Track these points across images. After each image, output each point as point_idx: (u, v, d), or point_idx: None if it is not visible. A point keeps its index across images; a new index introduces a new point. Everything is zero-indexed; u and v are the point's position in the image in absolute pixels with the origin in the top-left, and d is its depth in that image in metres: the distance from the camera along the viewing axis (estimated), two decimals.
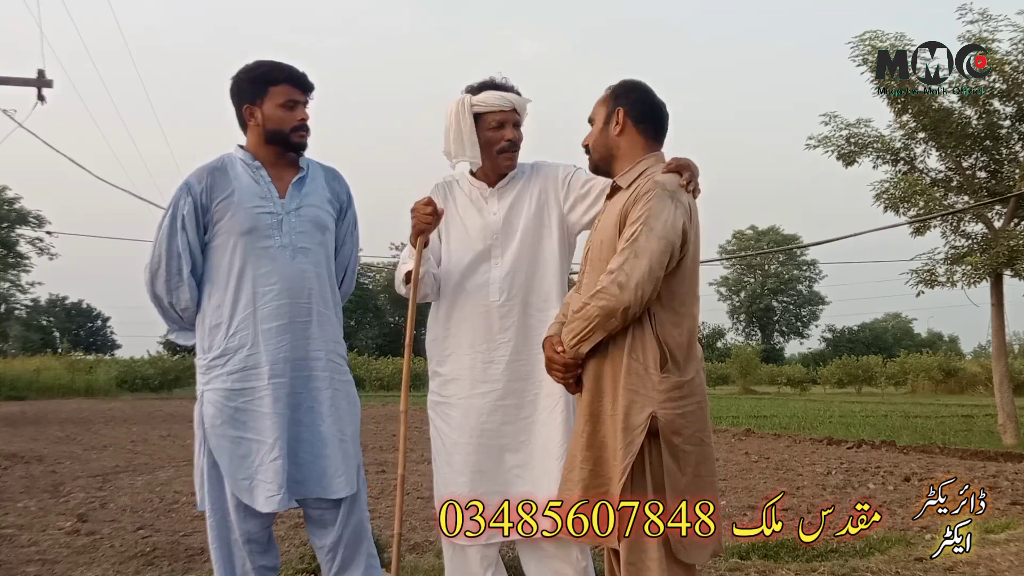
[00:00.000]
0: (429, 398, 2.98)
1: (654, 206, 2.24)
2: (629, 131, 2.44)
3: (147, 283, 2.73)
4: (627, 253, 2.22)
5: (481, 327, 2.85)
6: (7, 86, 14.57)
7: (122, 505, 6.13)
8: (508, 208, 2.91)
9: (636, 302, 2.20)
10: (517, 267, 2.87)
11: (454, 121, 2.87)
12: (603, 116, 2.48)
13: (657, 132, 2.48)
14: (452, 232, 2.94)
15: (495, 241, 2.88)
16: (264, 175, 2.75)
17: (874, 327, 62.01)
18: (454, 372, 2.89)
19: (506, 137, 2.88)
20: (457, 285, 2.90)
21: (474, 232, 2.90)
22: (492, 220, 2.90)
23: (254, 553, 2.71)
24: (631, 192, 2.33)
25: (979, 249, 11.69)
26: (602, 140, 2.48)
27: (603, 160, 2.50)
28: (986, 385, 26.58)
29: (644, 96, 2.48)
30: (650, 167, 2.38)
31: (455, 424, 2.87)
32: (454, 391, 2.89)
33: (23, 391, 25.49)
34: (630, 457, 2.20)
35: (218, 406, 2.66)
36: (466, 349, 2.87)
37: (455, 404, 2.88)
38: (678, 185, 2.30)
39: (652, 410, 2.21)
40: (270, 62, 2.77)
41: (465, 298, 2.88)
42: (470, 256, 2.89)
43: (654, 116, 2.47)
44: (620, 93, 2.48)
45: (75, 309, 58.94)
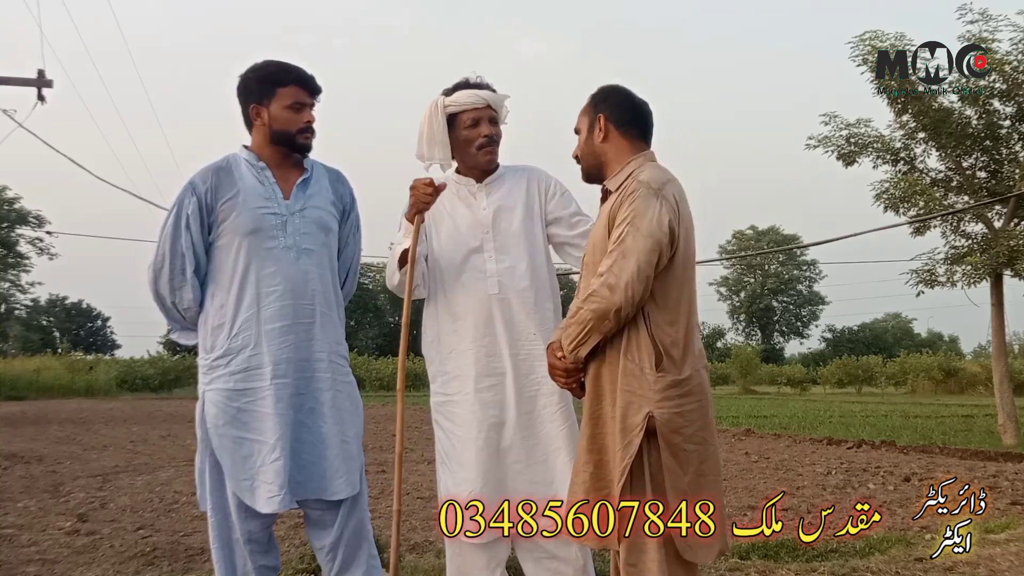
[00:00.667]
0: (432, 400, 2.98)
1: (639, 206, 2.25)
2: (613, 136, 2.45)
3: (150, 282, 2.73)
4: (615, 255, 2.24)
5: (482, 321, 2.87)
6: (7, 86, 14.57)
7: (122, 505, 6.13)
8: (498, 202, 2.94)
9: (627, 303, 2.21)
10: (513, 259, 2.90)
11: (426, 124, 2.93)
12: (587, 125, 2.50)
13: (642, 132, 2.49)
14: (442, 228, 2.96)
15: (487, 235, 2.91)
16: (269, 176, 2.75)
17: (874, 327, 62.00)
18: (457, 369, 2.90)
19: (483, 133, 2.91)
20: (452, 281, 2.92)
21: (464, 228, 2.93)
22: (482, 215, 2.93)
23: (255, 553, 2.72)
24: (618, 194, 2.34)
25: (979, 249, 11.69)
26: (589, 149, 2.50)
27: (593, 168, 2.51)
28: (986, 385, 26.59)
29: (623, 99, 2.49)
30: (637, 167, 2.38)
31: (462, 421, 2.87)
32: (458, 388, 2.89)
33: (23, 391, 25.50)
34: (628, 458, 2.21)
35: (220, 406, 2.66)
36: (468, 344, 2.88)
37: (460, 401, 2.88)
38: (664, 182, 2.30)
39: (649, 410, 2.21)
40: (279, 62, 2.77)
41: (463, 293, 2.90)
42: (463, 252, 2.91)
43: (636, 117, 2.48)
44: (599, 100, 2.50)
45: (75, 309, 58.93)
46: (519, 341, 2.86)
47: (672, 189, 2.31)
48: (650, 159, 2.43)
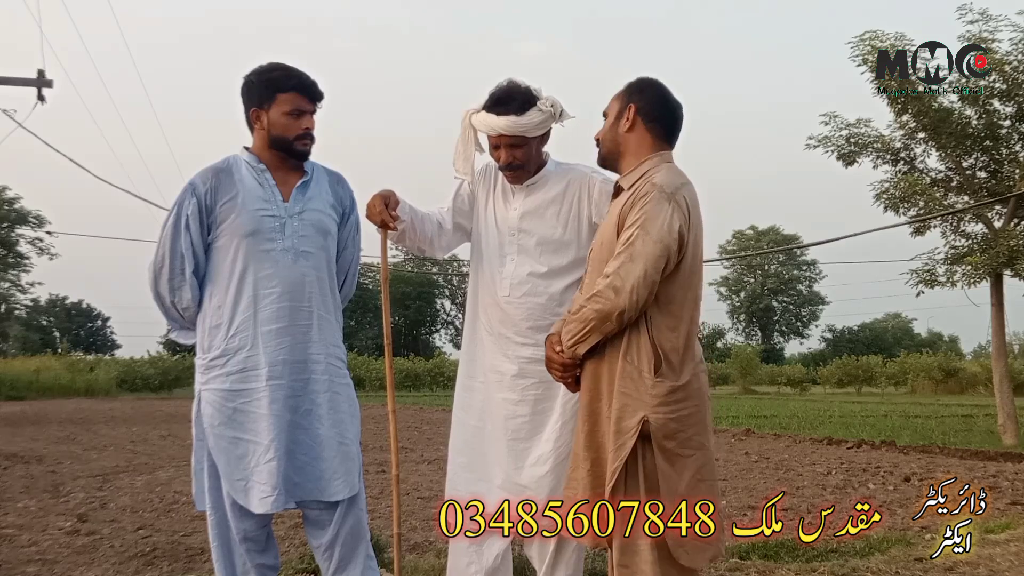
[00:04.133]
0: (456, 389, 3.06)
1: (651, 209, 2.24)
2: (639, 129, 2.43)
3: (150, 282, 2.74)
4: (623, 257, 2.23)
5: (496, 318, 2.92)
6: (7, 86, 14.58)
7: (122, 505, 6.13)
8: (529, 206, 2.93)
9: (631, 306, 2.20)
10: (532, 265, 2.88)
11: (460, 139, 2.95)
12: (615, 111, 2.48)
13: (667, 132, 2.46)
14: (484, 216, 3.00)
15: (512, 238, 2.92)
16: (268, 178, 2.75)
17: (874, 327, 62.01)
18: (477, 356, 2.97)
19: (501, 159, 2.89)
20: (482, 274, 2.98)
21: (499, 222, 2.97)
22: (512, 215, 2.94)
23: (252, 552, 2.73)
24: (631, 194, 2.33)
25: (979, 249, 11.69)
26: (611, 135, 2.48)
27: (610, 155, 2.50)
28: (986, 385, 26.59)
29: (658, 95, 2.47)
30: (652, 168, 2.37)
31: (464, 404, 2.97)
32: (471, 372, 2.99)
33: (23, 391, 25.48)
34: (619, 460, 2.21)
35: (217, 406, 2.67)
36: (483, 335, 2.95)
37: (468, 387, 2.98)
38: (677, 186, 2.30)
39: (644, 414, 2.20)
40: (282, 67, 2.76)
41: (485, 287, 2.97)
42: (492, 247, 2.95)
43: (666, 116, 2.46)
44: (635, 90, 2.47)
45: (75, 309, 58.96)
46: (522, 344, 2.86)
47: (685, 193, 2.30)
48: (667, 160, 2.42)
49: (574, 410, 2.76)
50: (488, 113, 2.83)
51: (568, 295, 2.83)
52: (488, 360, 2.92)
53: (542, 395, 2.83)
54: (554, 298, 2.86)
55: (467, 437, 2.94)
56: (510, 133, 2.81)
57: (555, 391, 2.78)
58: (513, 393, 2.85)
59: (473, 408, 2.95)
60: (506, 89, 2.84)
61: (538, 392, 2.83)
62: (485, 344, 2.93)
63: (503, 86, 2.85)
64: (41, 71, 14.42)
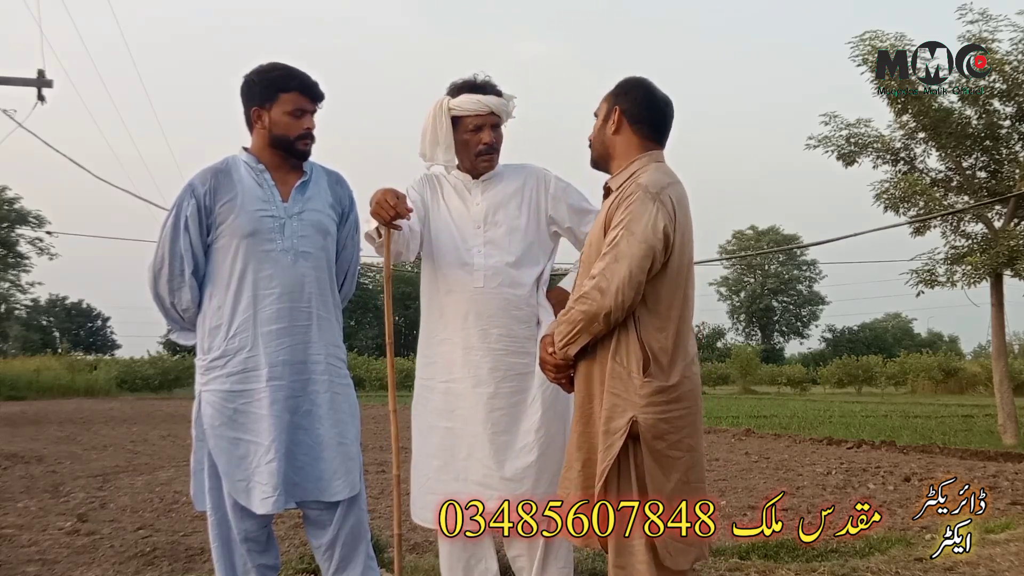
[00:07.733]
0: (416, 383, 3.03)
1: (635, 209, 2.24)
2: (625, 131, 2.43)
3: (150, 283, 2.74)
4: (608, 258, 2.23)
5: (464, 313, 2.89)
6: (7, 86, 14.58)
7: (122, 505, 6.13)
8: (492, 199, 2.96)
9: (617, 307, 2.20)
10: (503, 255, 2.91)
11: (431, 124, 2.94)
12: (603, 113, 2.48)
13: (656, 132, 2.45)
14: (439, 218, 2.99)
15: (478, 231, 2.94)
16: (268, 178, 2.75)
17: (874, 327, 62.00)
18: (438, 356, 2.95)
19: (483, 141, 2.93)
20: (444, 271, 2.95)
21: (458, 220, 2.97)
22: (475, 210, 2.96)
23: (253, 552, 2.72)
24: (618, 194, 2.34)
25: (979, 249, 11.69)
26: (600, 138, 2.49)
27: (600, 158, 2.51)
28: (986, 385, 26.59)
29: (643, 96, 2.46)
30: (640, 168, 2.37)
31: (432, 407, 2.94)
32: (432, 374, 2.96)
33: (23, 391, 25.46)
34: (608, 461, 2.21)
35: (217, 407, 2.67)
36: (450, 333, 2.92)
37: (434, 388, 2.95)
38: (663, 186, 2.29)
39: (633, 414, 2.21)
40: (284, 67, 2.76)
41: (451, 284, 2.93)
42: (454, 244, 2.94)
43: (652, 116, 2.45)
44: (620, 92, 2.47)
45: (75, 309, 58.96)
46: (497, 336, 2.87)
47: (671, 193, 2.29)
48: (656, 160, 2.41)
49: (553, 397, 2.81)
50: (473, 94, 2.91)
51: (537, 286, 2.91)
52: (456, 357, 2.89)
53: (516, 386, 2.85)
54: (526, 287, 2.90)
55: (438, 440, 2.90)
56: (499, 111, 2.93)
57: (529, 381, 2.83)
58: (488, 387, 2.85)
59: (439, 410, 2.92)
60: (481, 78, 2.96)
61: (512, 384, 2.85)
62: (453, 341, 2.91)
63: (475, 76, 2.96)
64: (41, 71, 14.44)
